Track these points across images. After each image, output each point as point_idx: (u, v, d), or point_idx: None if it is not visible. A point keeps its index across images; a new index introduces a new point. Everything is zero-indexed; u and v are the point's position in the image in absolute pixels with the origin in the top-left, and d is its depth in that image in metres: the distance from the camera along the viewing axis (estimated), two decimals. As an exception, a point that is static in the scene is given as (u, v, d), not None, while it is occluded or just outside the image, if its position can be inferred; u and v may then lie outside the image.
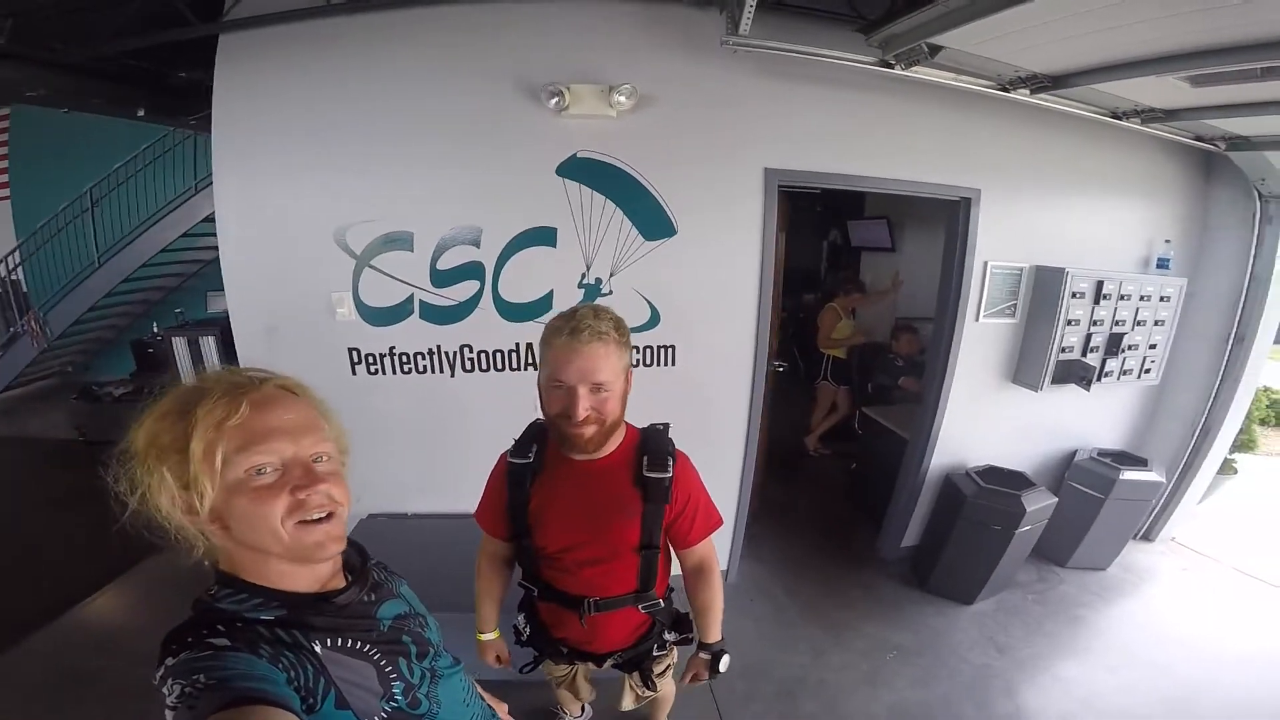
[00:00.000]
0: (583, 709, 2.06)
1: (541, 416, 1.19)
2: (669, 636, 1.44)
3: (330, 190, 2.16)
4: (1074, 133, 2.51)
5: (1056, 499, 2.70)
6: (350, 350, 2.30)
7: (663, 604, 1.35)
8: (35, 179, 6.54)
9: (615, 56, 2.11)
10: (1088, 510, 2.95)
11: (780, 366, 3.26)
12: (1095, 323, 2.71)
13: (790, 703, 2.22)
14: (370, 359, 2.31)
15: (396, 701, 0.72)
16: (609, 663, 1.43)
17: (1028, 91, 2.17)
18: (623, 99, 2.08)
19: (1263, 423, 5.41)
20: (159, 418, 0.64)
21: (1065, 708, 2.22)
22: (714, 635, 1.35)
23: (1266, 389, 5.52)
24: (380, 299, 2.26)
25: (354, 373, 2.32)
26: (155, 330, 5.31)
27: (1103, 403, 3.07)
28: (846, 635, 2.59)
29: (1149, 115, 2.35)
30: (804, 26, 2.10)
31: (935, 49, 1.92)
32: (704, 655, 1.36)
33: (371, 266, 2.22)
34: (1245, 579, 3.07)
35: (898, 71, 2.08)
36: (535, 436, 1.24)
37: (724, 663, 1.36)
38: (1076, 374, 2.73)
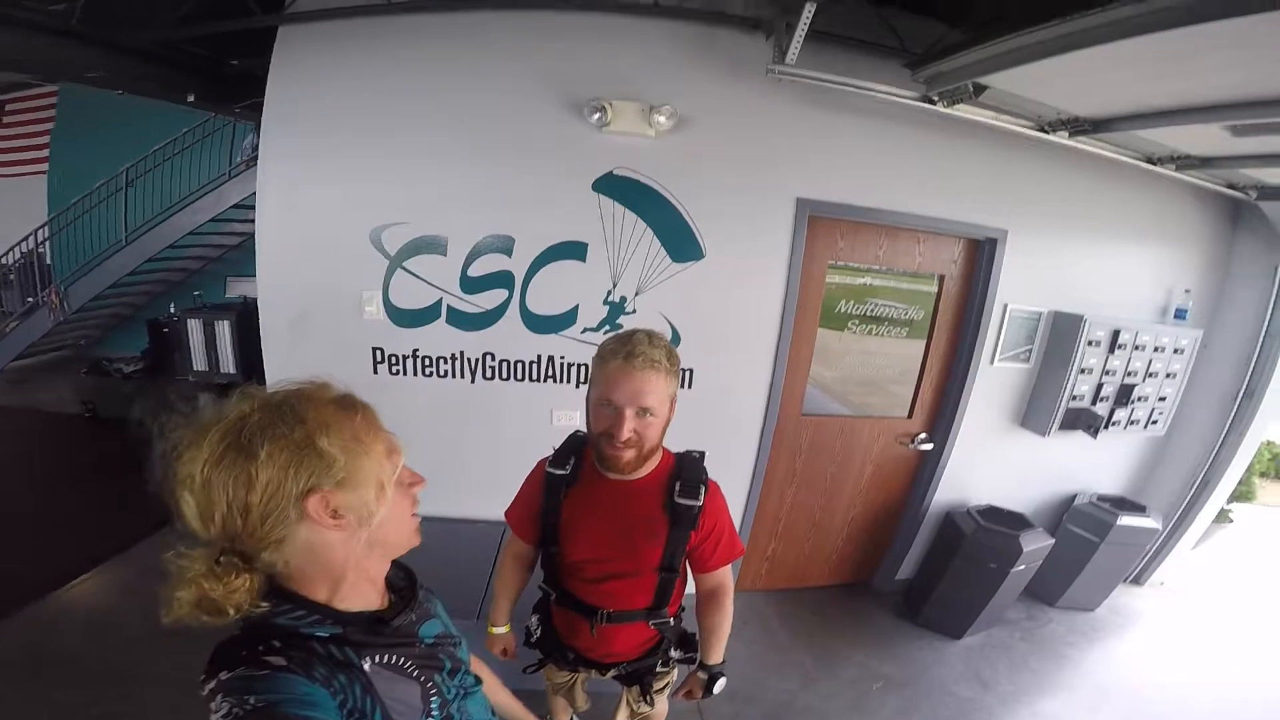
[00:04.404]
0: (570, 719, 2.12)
1: (584, 430, 1.23)
2: (674, 654, 1.47)
3: (370, 189, 2.18)
4: (1100, 175, 2.49)
5: (1053, 540, 2.74)
6: (374, 349, 2.32)
7: (672, 622, 1.38)
8: (75, 157, 6.65)
9: (659, 75, 2.12)
10: (1082, 553, 3.00)
11: (924, 442, 2.80)
12: (1108, 372, 2.73)
13: (776, 726, 2.26)
14: (393, 359, 2.34)
15: (434, 717, 0.76)
16: (612, 673, 1.47)
17: (1066, 134, 2.15)
18: (663, 119, 2.09)
19: (1262, 475, 5.46)
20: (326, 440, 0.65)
21: (1042, 744, 2.25)
22: (716, 657, 1.39)
23: (1269, 443, 5.55)
24: (409, 301, 2.28)
25: (375, 371, 2.34)
26: (172, 311, 5.27)
27: (1107, 450, 3.09)
28: (836, 663, 2.63)
29: (1184, 162, 2.34)
30: (848, 57, 2.10)
31: (980, 88, 1.93)
32: (702, 675, 1.39)
33: (404, 268, 2.24)
34: (1227, 625, 3.13)
35: (940, 108, 2.08)
36: (574, 449, 1.28)
37: (719, 684, 1.38)
38: (1085, 422, 2.75)
